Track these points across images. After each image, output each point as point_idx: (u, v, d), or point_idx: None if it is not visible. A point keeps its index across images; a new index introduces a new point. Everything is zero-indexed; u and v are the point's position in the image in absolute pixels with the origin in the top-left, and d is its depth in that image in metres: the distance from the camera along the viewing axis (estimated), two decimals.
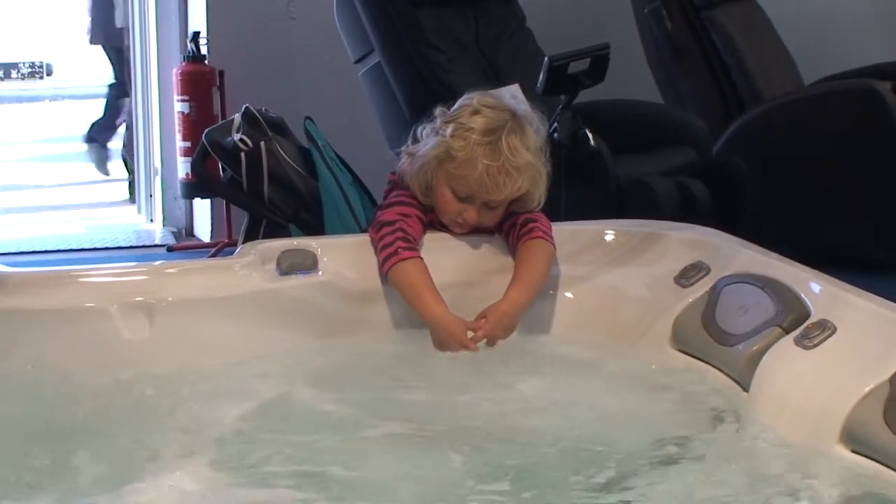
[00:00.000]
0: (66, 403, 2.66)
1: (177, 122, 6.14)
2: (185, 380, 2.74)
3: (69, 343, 2.80)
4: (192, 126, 5.84)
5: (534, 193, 2.99)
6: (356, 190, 4.83)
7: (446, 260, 3.01)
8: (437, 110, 3.03)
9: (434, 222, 3.03)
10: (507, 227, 3.04)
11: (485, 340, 2.90)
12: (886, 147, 5.40)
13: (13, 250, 6.12)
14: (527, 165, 2.94)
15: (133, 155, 7.12)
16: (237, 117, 4.92)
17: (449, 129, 2.94)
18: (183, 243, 6.42)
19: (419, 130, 3.05)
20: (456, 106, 3.01)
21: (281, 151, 4.84)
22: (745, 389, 2.64)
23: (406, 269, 2.89)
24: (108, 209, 7.20)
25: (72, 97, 10.91)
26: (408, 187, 3.01)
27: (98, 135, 8.41)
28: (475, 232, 3.05)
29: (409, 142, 3.05)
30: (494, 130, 2.92)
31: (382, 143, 5.13)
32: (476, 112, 2.95)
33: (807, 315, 2.65)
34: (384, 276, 2.93)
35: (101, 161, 8.36)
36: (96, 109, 8.75)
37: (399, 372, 2.86)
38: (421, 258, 2.91)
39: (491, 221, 3.02)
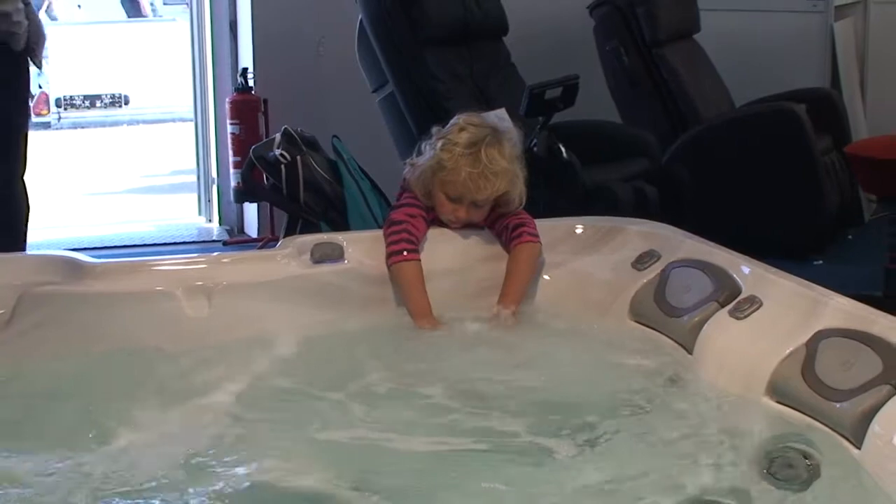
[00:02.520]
0: (143, 366, 2.67)
1: (229, 141, 6.14)
2: (237, 347, 2.74)
3: (143, 319, 2.80)
4: (242, 144, 5.84)
5: (513, 194, 2.99)
6: (374, 194, 4.85)
7: (444, 250, 3.01)
8: (434, 129, 3.05)
9: (435, 219, 3.03)
10: (500, 229, 3.04)
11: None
12: (801, 157, 5.42)
13: (98, 245, 6.11)
14: (503, 171, 2.94)
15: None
16: (278, 136, 4.92)
17: (439, 144, 2.95)
18: (235, 238, 6.41)
19: (421, 145, 3.05)
20: (448, 125, 3.02)
21: (313, 164, 4.84)
22: (690, 353, 2.64)
23: (403, 269, 2.91)
24: (175, 212, 7.20)
25: (145, 122, 10.90)
26: (414, 190, 3.01)
27: None
28: (467, 227, 3.04)
29: (414, 155, 3.06)
30: (475, 143, 2.92)
31: (396, 156, 5.12)
32: (462, 129, 2.96)
33: (738, 292, 2.66)
34: (387, 266, 2.93)
35: None
36: (165, 132, 8.78)
37: (404, 341, 2.85)
38: (418, 260, 2.92)
39: (479, 217, 3.02)
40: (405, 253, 2.91)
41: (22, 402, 2.52)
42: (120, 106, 11.35)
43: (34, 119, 6.27)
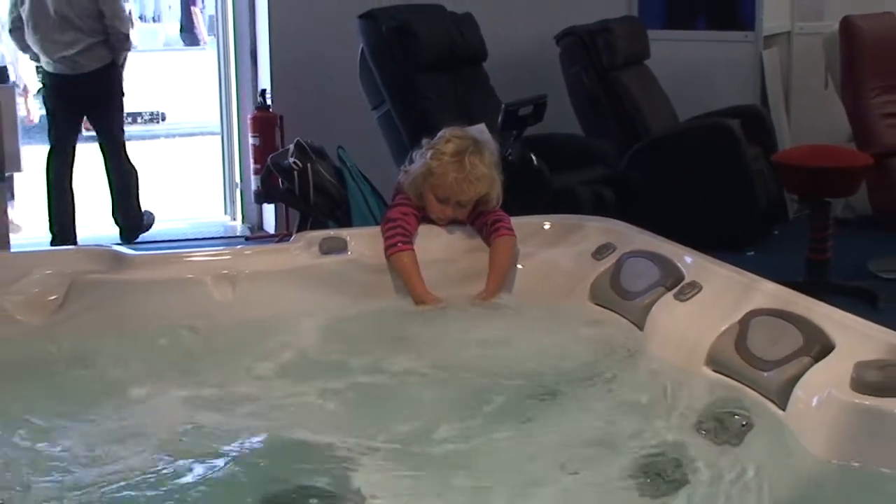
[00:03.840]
0: (177, 341, 2.68)
1: (250, 151, 6.14)
2: (256, 326, 2.74)
3: (177, 303, 2.79)
4: (261, 154, 5.82)
5: (492, 195, 2.99)
6: (374, 196, 4.86)
7: (433, 243, 3.01)
8: (424, 141, 3.05)
9: (425, 216, 3.02)
10: (480, 225, 3.03)
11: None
12: (735, 165, 5.44)
13: (138, 241, 6.10)
14: (484, 176, 2.95)
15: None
16: (291, 147, 4.93)
17: (429, 154, 2.96)
18: (255, 234, 6.40)
19: (413, 154, 3.06)
20: (436, 137, 3.02)
21: (322, 170, 4.85)
22: (641, 329, 2.64)
23: (400, 258, 2.91)
24: (204, 211, 7.19)
25: (180, 135, 10.88)
26: (407, 193, 3.01)
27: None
28: (452, 223, 3.04)
29: (407, 163, 3.06)
30: (460, 153, 2.94)
31: (392, 163, 5.11)
32: (448, 141, 2.98)
33: (682, 278, 2.66)
34: (386, 257, 2.93)
35: None
36: (196, 144, 8.79)
37: (399, 321, 2.84)
38: (412, 249, 2.93)
39: (462, 215, 3.02)
40: (400, 245, 2.92)
41: (73, 372, 2.52)
42: (158, 122, 11.35)
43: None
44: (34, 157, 6.16)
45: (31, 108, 7.36)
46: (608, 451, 2.07)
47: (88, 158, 6.34)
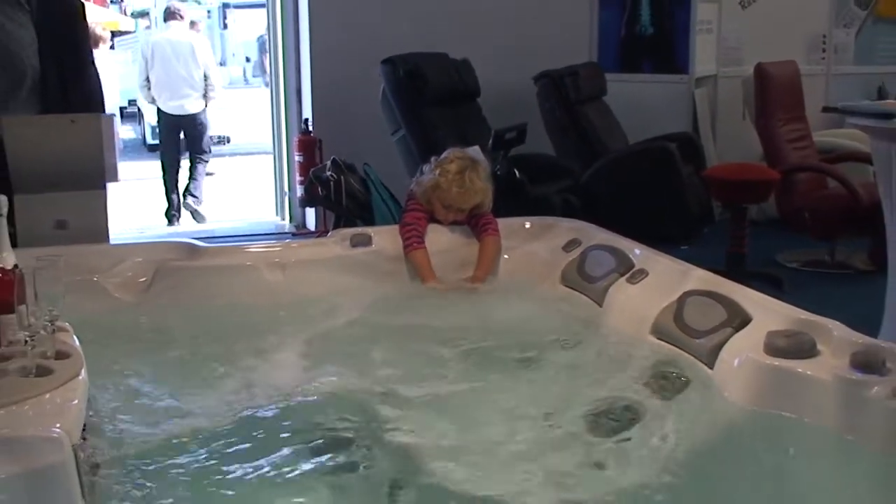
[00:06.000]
0: (239, 315, 2.67)
1: (296, 166, 6.11)
2: (301, 302, 2.73)
3: (238, 285, 2.78)
4: (304, 168, 5.80)
5: (485, 202, 2.99)
6: (392, 201, 4.84)
7: (440, 238, 2.99)
8: (432, 159, 3.05)
9: (433, 217, 3.01)
10: (474, 224, 3.02)
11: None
12: (673, 178, 5.41)
13: (209, 235, 6.09)
14: (480, 189, 2.95)
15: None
16: (328, 163, 4.92)
17: (437, 171, 2.95)
18: (300, 231, 6.39)
19: (422, 168, 3.05)
20: (442, 156, 3.01)
21: (352, 181, 4.84)
22: (601, 306, 2.63)
23: (415, 255, 2.90)
24: (260, 213, 7.19)
25: (241, 154, 10.86)
26: (418, 199, 3.00)
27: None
28: (454, 223, 3.02)
29: (418, 175, 3.05)
30: (462, 171, 2.93)
31: (406, 176, 5.10)
32: (452, 161, 2.97)
33: (633, 266, 2.66)
34: (404, 253, 2.92)
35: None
36: (254, 161, 8.78)
37: (411, 299, 2.84)
38: (424, 247, 2.91)
39: (462, 217, 3.00)
40: (415, 244, 2.91)
41: (157, 338, 2.51)
42: (224, 143, 11.32)
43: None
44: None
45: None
46: (574, 399, 2.07)
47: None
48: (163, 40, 7.07)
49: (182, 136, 7.09)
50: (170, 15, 7.12)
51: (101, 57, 7.16)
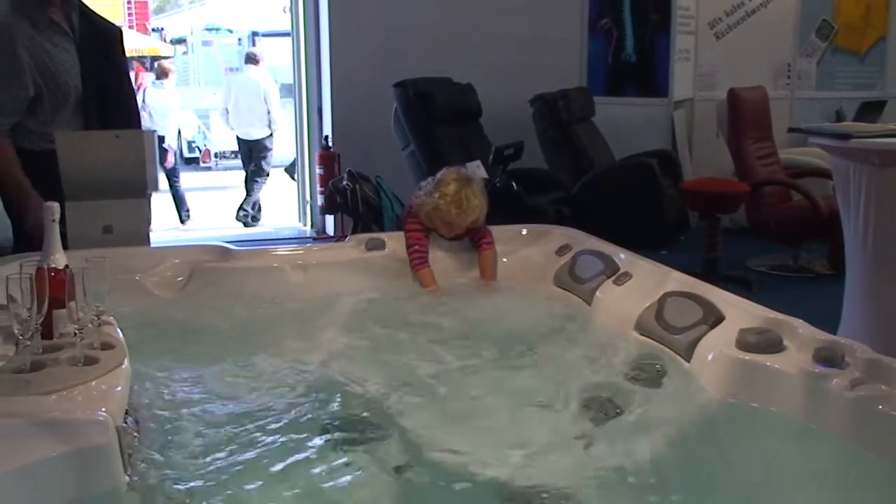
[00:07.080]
0: (266, 311, 2.66)
1: (317, 178, 6.13)
2: (321, 300, 2.72)
3: (265, 284, 2.78)
4: (324, 180, 5.83)
5: (480, 218, 2.95)
6: (401, 209, 4.83)
7: (441, 249, 2.98)
8: (429, 178, 3.01)
9: (433, 232, 2.97)
10: (471, 237, 2.98)
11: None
12: (653, 190, 5.42)
13: (239, 239, 6.10)
14: (476, 206, 2.91)
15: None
16: (346, 175, 4.93)
17: (436, 195, 2.90)
18: (321, 235, 6.41)
19: (421, 183, 3.03)
20: (439, 176, 2.97)
21: (366, 190, 4.85)
22: (590, 305, 2.62)
23: (419, 273, 2.87)
24: (284, 219, 7.20)
25: (273, 167, 10.84)
26: (419, 217, 2.96)
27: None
28: (454, 238, 2.99)
29: (417, 190, 3.02)
30: (459, 191, 2.89)
31: (414, 186, 5.12)
32: (448, 183, 2.91)
33: (618, 269, 2.65)
34: (412, 269, 2.89)
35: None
36: (280, 172, 8.79)
37: (420, 298, 2.82)
38: (428, 266, 2.87)
39: (460, 231, 2.96)
40: (418, 264, 2.88)
41: (193, 332, 2.50)
42: None
43: (202, 164, 6.74)
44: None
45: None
46: (566, 389, 2.05)
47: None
48: (242, 78, 7.87)
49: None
50: (249, 59, 7.88)
51: (169, 85, 8.14)
